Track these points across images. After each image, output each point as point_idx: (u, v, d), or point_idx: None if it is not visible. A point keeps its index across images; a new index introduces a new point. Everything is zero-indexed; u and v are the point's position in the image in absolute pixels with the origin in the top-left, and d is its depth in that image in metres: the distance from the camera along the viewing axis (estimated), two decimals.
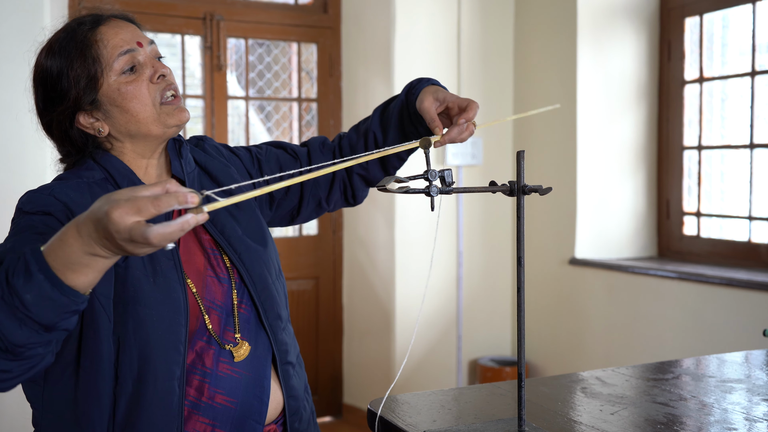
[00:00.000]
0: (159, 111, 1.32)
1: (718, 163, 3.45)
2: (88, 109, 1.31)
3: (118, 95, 1.30)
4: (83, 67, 1.29)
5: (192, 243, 1.38)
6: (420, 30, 3.77)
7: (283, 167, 1.57)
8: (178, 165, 1.40)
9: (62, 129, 1.34)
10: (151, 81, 1.32)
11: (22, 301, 1.00)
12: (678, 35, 3.53)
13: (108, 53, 1.30)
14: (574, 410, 1.41)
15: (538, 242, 3.81)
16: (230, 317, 1.36)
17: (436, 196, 1.21)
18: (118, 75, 1.30)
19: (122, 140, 1.35)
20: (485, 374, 3.80)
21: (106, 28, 1.31)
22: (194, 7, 3.70)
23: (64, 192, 1.27)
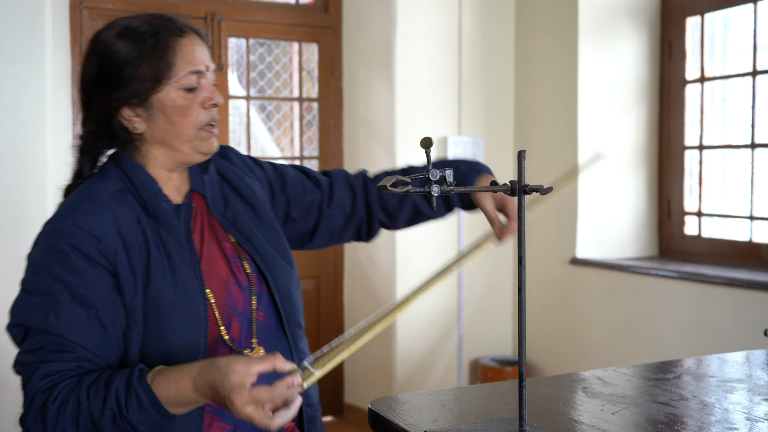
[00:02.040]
0: (196, 134, 1.35)
1: (719, 163, 3.44)
2: (136, 104, 1.32)
3: (172, 105, 1.32)
4: (154, 67, 1.30)
5: (215, 251, 1.39)
6: (421, 29, 3.77)
7: (305, 192, 1.58)
8: (199, 180, 1.42)
9: (105, 111, 1.33)
10: (203, 105, 1.35)
11: (134, 427, 1.18)
12: (679, 35, 3.53)
13: (181, 66, 1.32)
14: (575, 410, 1.40)
15: (539, 242, 3.81)
16: (249, 323, 1.38)
17: (437, 195, 1.21)
18: (179, 89, 1.32)
19: (152, 145, 1.36)
20: (486, 374, 3.80)
21: (187, 40, 1.33)
22: (195, 6, 3.70)
23: (86, 220, 1.28)
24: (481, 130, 3.93)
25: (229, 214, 1.42)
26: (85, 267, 1.25)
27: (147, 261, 1.29)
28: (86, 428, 1.19)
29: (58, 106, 3.19)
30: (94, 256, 1.26)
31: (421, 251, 3.80)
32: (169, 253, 1.31)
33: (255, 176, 1.53)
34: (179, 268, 1.31)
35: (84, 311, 1.24)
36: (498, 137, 3.97)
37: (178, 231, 1.34)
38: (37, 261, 1.28)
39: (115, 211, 1.30)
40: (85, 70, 1.35)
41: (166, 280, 1.29)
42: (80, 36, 3.47)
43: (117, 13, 3.56)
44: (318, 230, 1.60)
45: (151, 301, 1.28)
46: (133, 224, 1.31)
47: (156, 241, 1.31)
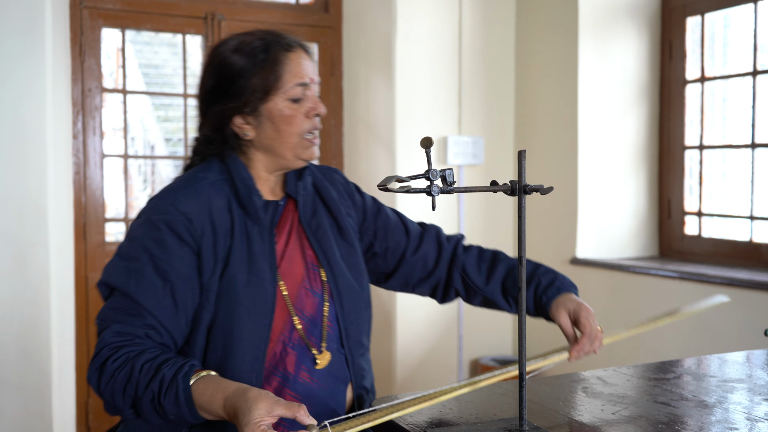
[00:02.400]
0: (299, 141, 1.46)
1: (720, 163, 3.44)
2: (247, 113, 1.45)
3: (278, 115, 1.44)
4: (265, 80, 1.43)
5: (296, 253, 1.49)
6: (421, 29, 3.76)
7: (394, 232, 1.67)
8: (294, 185, 1.52)
9: (219, 119, 1.47)
10: (307, 115, 1.46)
11: (166, 414, 1.26)
12: (679, 35, 3.53)
13: (288, 78, 1.44)
14: (576, 410, 1.40)
15: (539, 242, 3.81)
16: (317, 328, 1.47)
17: (438, 195, 1.21)
18: (286, 99, 1.44)
19: (258, 150, 1.49)
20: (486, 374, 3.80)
21: (294, 55, 1.45)
22: (195, 6, 3.70)
23: (183, 202, 1.40)
24: (482, 129, 3.93)
25: (314, 223, 1.53)
26: (173, 244, 1.37)
27: (229, 247, 1.41)
28: (131, 398, 1.28)
29: (58, 106, 3.19)
30: (183, 235, 1.38)
31: None
32: (251, 243, 1.42)
33: (352, 200, 1.64)
34: (256, 258, 1.41)
35: (161, 284, 1.35)
36: (498, 137, 3.97)
37: (263, 224, 1.45)
38: (134, 231, 1.40)
39: (211, 197, 1.43)
40: (203, 81, 1.49)
41: (242, 267, 1.40)
42: (80, 36, 3.47)
43: (117, 12, 3.56)
44: (395, 274, 1.69)
45: (225, 284, 1.39)
46: (224, 211, 1.43)
47: (241, 230, 1.43)
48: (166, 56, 6.87)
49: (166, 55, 6.90)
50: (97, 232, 3.56)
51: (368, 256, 1.66)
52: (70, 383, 3.37)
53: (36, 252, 3.00)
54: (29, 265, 2.99)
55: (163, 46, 6.85)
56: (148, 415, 1.28)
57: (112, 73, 5.25)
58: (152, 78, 6.57)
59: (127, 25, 3.60)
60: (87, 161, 3.52)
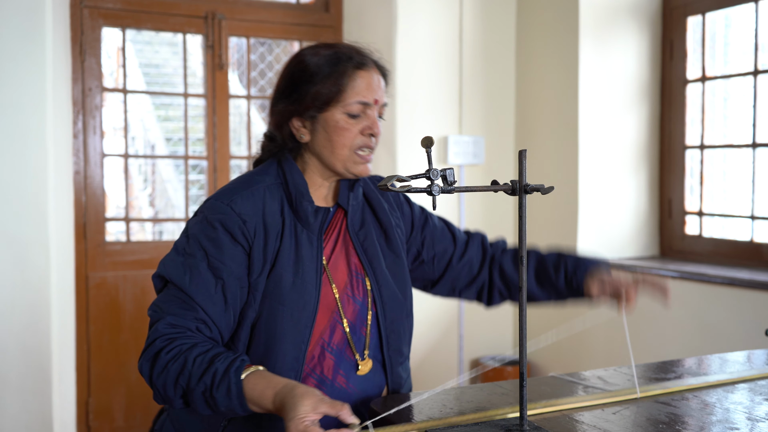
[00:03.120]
0: (350, 156, 1.51)
1: (721, 163, 3.44)
2: (307, 117, 1.51)
3: (333, 125, 1.49)
4: (328, 89, 1.48)
5: (341, 261, 1.54)
6: (421, 29, 3.76)
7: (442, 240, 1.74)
8: (345, 195, 1.57)
9: (282, 117, 1.53)
10: (362, 132, 1.50)
11: (217, 405, 1.31)
12: (680, 34, 3.53)
13: (350, 94, 1.49)
14: (576, 410, 1.40)
15: (540, 241, 3.81)
16: (356, 335, 1.52)
17: (438, 195, 1.21)
18: (344, 113, 1.49)
19: (312, 156, 1.54)
20: (487, 373, 3.80)
21: (364, 73, 1.50)
22: (196, 5, 3.70)
23: (239, 204, 1.46)
24: (482, 129, 3.92)
25: (362, 233, 1.58)
26: (227, 243, 1.43)
27: (278, 248, 1.46)
28: (182, 389, 1.32)
29: (59, 106, 3.19)
30: (236, 235, 1.44)
31: None
32: (299, 246, 1.48)
33: (401, 211, 1.70)
34: (303, 261, 1.47)
35: (214, 281, 1.41)
36: (499, 137, 3.97)
37: (312, 229, 1.50)
38: (191, 228, 1.47)
39: (266, 200, 1.49)
40: (279, 80, 1.56)
41: (289, 269, 1.45)
42: (80, 35, 3.47)
43: (117, 12, 3.56)
44: (442, 280, 1.75)
45: (271, 284, 1.44)
46: (276, 214, 1.48)
47: (290, 233, 1.48)
48: (167, 56, 6.88)
49: (167, 55, 6.90)
50: (97, 231, 3.55)
51: (416, 264, 1.72)
52: (70, 383, 3.37)
53: (36, 251, 3.00)
54: (29, 265, 2.99)
55: (164, 46, 6.84)
56: (198, 406, 1.32)
57: (113, 73, 5.25)
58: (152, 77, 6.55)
59: (128, 24, 3.60)
60: (87, 161, 3.52)
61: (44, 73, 2.99)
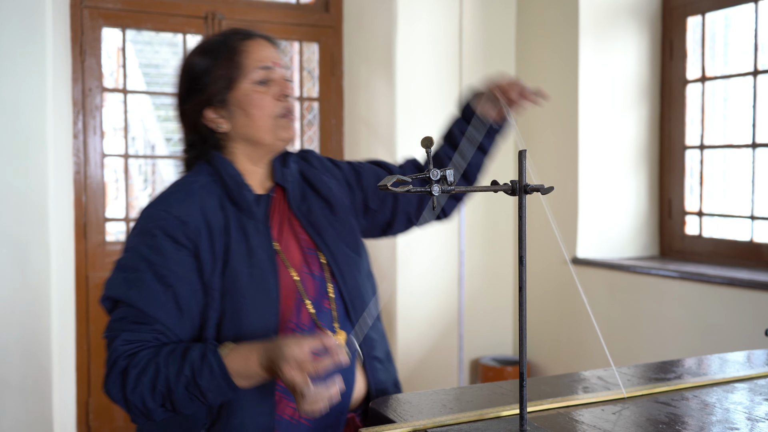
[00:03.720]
0: (274, 123, 1.49)
1: (720, 163, 3.44)
2: (217, 105, 1.49)
3: (245, 100, 1.47)
4: (226, 69, 1.47)
5: (290, 241, 1.52)
6: (422, 29, 3.76)
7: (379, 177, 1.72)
8: (280, 173, 1.55)
9: (193, 118, 1.51)
10: (276, 98, 1.49)
11: (203, 394, 1.31)
12: (680, 34, 3.53)
13: (249, 63, 1.48)
14: (576, 410, 1.40)
15: (539, 242, 3.81)
16: (323, 311, 1.49)
17: (438, 195, 1.21)
18: (251, 83, 1.48)
19: (237, 141, 1.52)
20: (487, 374, 3.80)
21: (254, 42, 1.50)
22: (196, 6, 3.70)
23: (176, 207, 1.43)
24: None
25: (305, 207, 1.56)
26: (170, 248, 1.40)
27: (227, 244, 1.43)
28: (161, 394, 1.31)
29: (59, 106, 3.19)
30: (179, 238, 1.40)
31: (423, 251, 3.80)
32: (248, 237, 1.45)
33: (332, 175, 1.66)
34: (256, 251, 1.44)
35: (163, 289, 1.38)
36: None
37: (258, 218, 1.48)
38: (130, 242, 1.43)
39: (203, 198, 1.46)
40: (176, 89, 1.54)
41: (242, 262, 1.42)
42: (80, 35, 3.47)
43: (117, 12, 3.56)
44: (396, 216, 1.73)
45: (228, 280, 1.41)
46: (217, 210, 1.46)
47: (237, 226, 1.45)
48: (167, 56, 6.87)
49: (167, 55, 6.90)
50: (97, 231, 3.55)
51: (368, 217, 1.71)
52: (70, 383, 3.37)
53: (36, 251, 3.00)
54: (30, 265, 2.99)
55: (164, 46, 6.84)
56: (183, 404, 1.31)
57: (113, 73, 5.25)
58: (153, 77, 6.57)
59: (128, 24, 3.60)
60: (87, 161, 3.52)
61: (44, 73, 2.99)
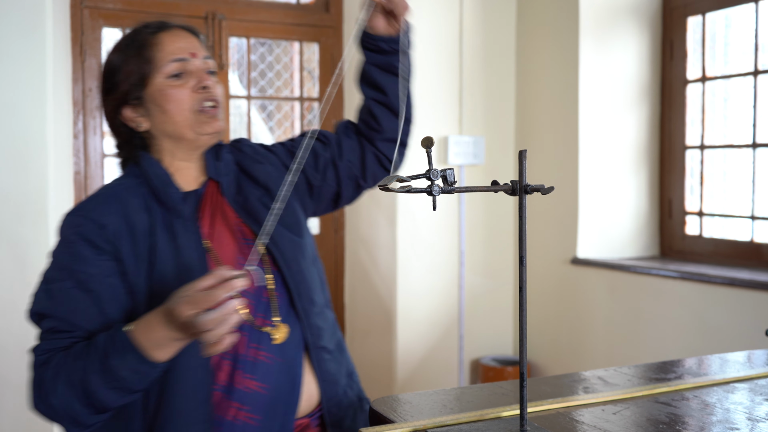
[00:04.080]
0: (194, 118, 1.43)
1: (721, 163, 3.44)
2: (134, 103, 1.43)
3: (160, 96, 1.41)
4: (136, 65, 1.42)
5: (224, 234, 1.45)
6: (422, 29, 3.76)
7: (317, 156, 1.63)
8: (213, 167, 1.49)
9: (111, 118, 1.47)
10: (194, 90, 1.42)
11: (118, 377, 1.24)
12: (680, 34, 3.53)
13: (161, 57, 1.42)
14: (576, 410, 1.40)
15: (540, 242, 3.81)
16: (262, 304, 1.42)
17: (439, 195, 1.21)
18: (165, 78, 1.41)
19: (160, 139, 1.46)
20: (487, 374, 3.80)
21: (166, 34, 1.44)
22: (196, 6, 3.70)
23: (94, 211, 1.39)
24: (482, 129, 3.92)
25: (240, 198, 1.49)
26: (89, 253, 1.35)
27: (153, 245, 1.38)
28: (81, 389, 1.26)
29: (59, 106, 3.19)
30: (98, 242, 1.35)
31: (423, 251, 3.80)
32: (176, 237, 1.39)
33: (268, 161, 1.59)
34: (184, 251, 1.38)
35: (83, 295, 1.33)
36: (499, 137, 3.97)
37: (185, 216, 1.42)
38: (52, 253, 1.40)
39: (125, 200, 1.40)
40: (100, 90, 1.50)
41: (169, 263, 1.37)
42: (81, 36, 3.47)
43: (117, 12, 3.56)
44: (342, 185, 1.65)
45: (156, 283, 1.36)
46: (141, 212, 1.40)
47: (163, 227, 1.40)
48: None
49: None
50: None
51: (314, 194, 1.64)
52: None
53: (36, 252, 3.00)
54: (29, 265, 2.99)
55: None
56: (106, 397, 1.26)
57: None
58: None
59: (128, 24, 3.60)
60: (88, 161, 3.52)
61: (44, 73, 2.99)
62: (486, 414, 1.35)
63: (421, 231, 3.79)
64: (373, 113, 1.65)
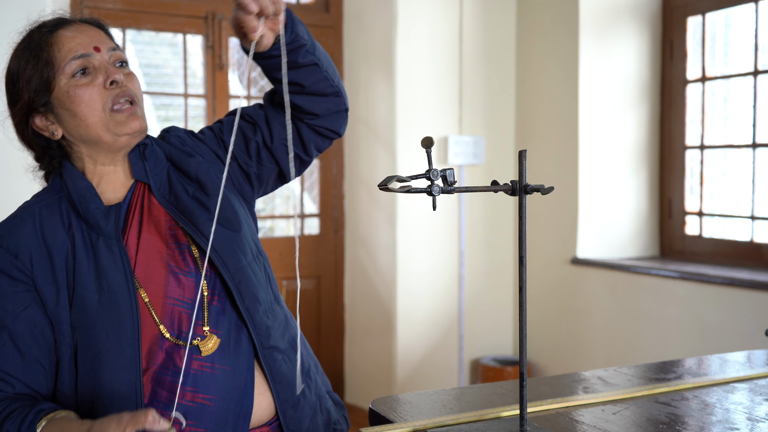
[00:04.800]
0: (108, 118, 1.29)
1: (721, 163, 3.44)
2: (42, 111, 1.31)
3: (67, 98, 1.28)
4: (35, 69, 1.29)
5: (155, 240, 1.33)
6: (422, 29, 3.76)
7: (247, 141, 1.45)
8: (141, 168, 1.36)
9: (20, 130, 1.35)
10: (104, 86, 1.29)
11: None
12: (680, 34, 3.53)
13: (61, 56, 1.29)
14: (576, 410, 1.40)
15: (540, 242, 3.81)
16: (200, 311, 1.31)
17: (438, 195, 1.21)
18: (68, 78, 1.29)
19: (78, 145, 1.33)
20: (487, 374, 3.80)
21: (65, 31, 1.31)
22: (196, 6, 3.70)
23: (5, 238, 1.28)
24: (482, 129, 3.93)
25: (172, 197, 1.36)
26: (5, 285, 1.25)
27: (73, 269, 1.27)
28: None
29: None
30: (12, 273, 1.25)
31: (423, 250, 3.80)
32: (98, 257, 1.28)
33: (198, 151, 1.44)
34: (106, 272, 1.27)
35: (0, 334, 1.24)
36: (499, 137, 3.97)
37: (107, 233, 1.29)
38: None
39: (42, 221, 1.29)
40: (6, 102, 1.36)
41: (90, 287, 1.26)
42: None
43: (118, 12, 3.56)
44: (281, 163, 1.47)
45: (76, 310, 1.25)
46: (60, 232, 1.29)
47: (86, 247, 1.28)
48: (167, 56, 6.87)
49: (167, 55, 6.89)
50: None
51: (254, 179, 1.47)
52: None
53: None
54: None
55: (164, 46, 6.84)
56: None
57: None
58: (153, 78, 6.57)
59: (128, 24, 3.60)
60: None
61: None
62: (486, 414, 1.35)
63: (421, 231, 3.79)
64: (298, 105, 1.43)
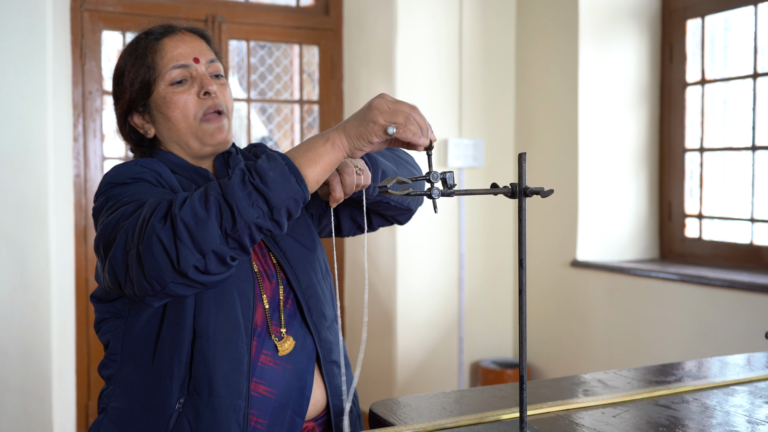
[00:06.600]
0: (198, 126, 1.41)
1: (720, 165, 3.44)
2: (141, 110, 1.44)
3: (164, 103, 1.40)
4: (138, 73, 1.41)
5: None
6: (421, 32, 3.77)
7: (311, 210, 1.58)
8: (225, 174, 1.46)
9: (120, 123, 1.47)
10: (198, 96, 1.41)
11: (264, 178, 1.14)
12: (680, 37, 3.53)
13: (163, 64, 1.41)
14: (576, 413, 1.40)
15: (539, 244, 3.81)
16: (276, 312, 1.39)
17: (438, 198, 1.21)
18: (167, 85, 1.41)
19: (169, 146, 1.45)
20: (487, 376, 3.80)
21: (169, 40, 1.44)
22: (196, 9, 3.70)
23: (149, 163, 1.38)
24: (482, 132, 3.93)
25: None
26: (148, 186, 1.33)
27: None
28: (215, 199, 1.14)
29: (59, 109, 3.20)
30: (153, 182, 1.35)
31: (422, 253, 3.80)
32: None
33: None
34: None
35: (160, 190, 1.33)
36: (499, 139, 3.97)
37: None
38: (105, 202, 1.32)
39: (160, 169, 1.39)
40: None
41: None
42: (81, 39, 3.48)
43: (118, 15, 3.56)
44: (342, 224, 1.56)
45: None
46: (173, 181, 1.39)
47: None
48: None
49: None
50: None
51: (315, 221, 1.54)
52: (70, 386, 3.37)
53: (36, 255, 3.00)
54: (30, 268, 3.00)
55: None
56: (240, 203, 1.13)
57: None
58: None
59: (128, 27, 3.61)
60: (87, 164, 3.52)
61: (45, 76, 3.00)
62: (486, 417, 1.35)
63: (421, 233, 3.79)
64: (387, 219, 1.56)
